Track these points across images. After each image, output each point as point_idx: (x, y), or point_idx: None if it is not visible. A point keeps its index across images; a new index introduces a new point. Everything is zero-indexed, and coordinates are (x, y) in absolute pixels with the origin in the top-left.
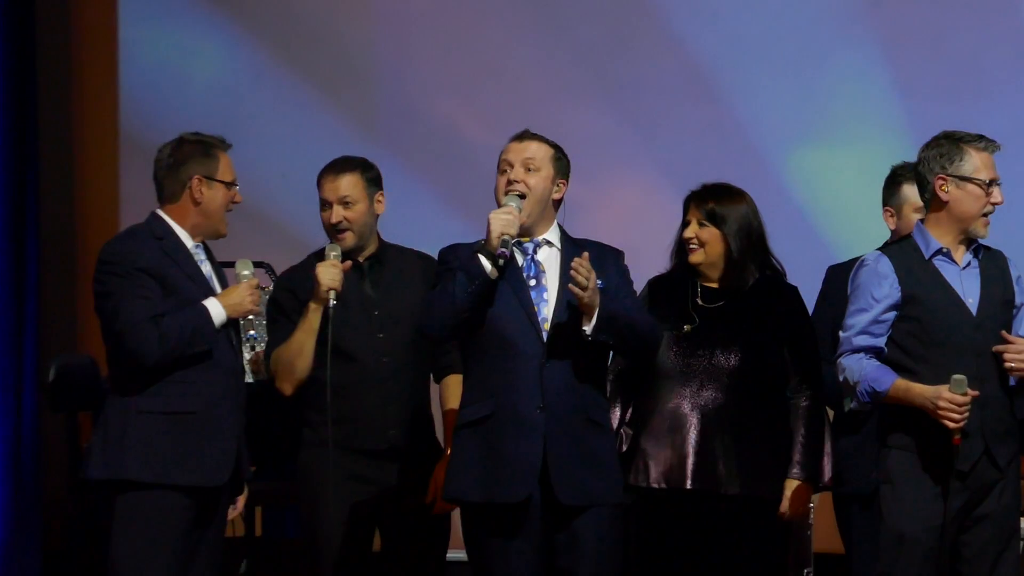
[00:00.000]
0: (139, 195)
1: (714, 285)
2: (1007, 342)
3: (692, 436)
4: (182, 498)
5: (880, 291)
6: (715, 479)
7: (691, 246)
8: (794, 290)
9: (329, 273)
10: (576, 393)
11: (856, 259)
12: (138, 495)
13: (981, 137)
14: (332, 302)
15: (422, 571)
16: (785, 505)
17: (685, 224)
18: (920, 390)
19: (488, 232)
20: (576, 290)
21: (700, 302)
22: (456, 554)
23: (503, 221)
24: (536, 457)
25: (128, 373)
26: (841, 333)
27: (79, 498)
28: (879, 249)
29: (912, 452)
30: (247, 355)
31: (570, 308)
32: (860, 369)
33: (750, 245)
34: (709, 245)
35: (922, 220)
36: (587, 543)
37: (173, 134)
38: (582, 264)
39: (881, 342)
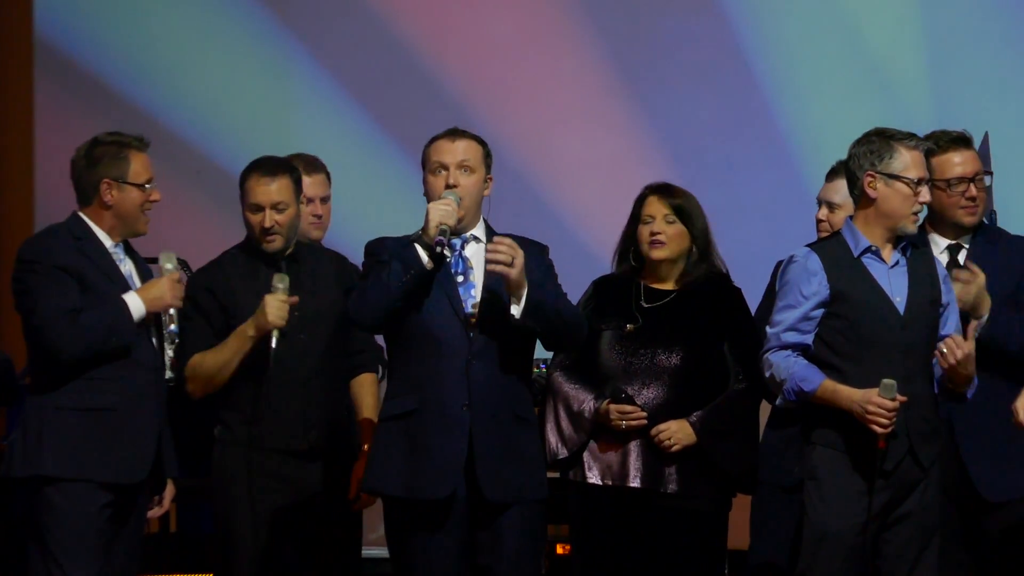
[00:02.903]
0: (56, 202)
1: (659, 285)
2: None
3: (635, 434)
4: (100, 494)
5: (809, 288)
6: (657, 477)
7: (658, 241)
8: (737, 291)
9: (278, 311)
10: (502, 390)
11: None
12: (56, 491)
13: (912, 135)
14: (275, 341)
15: (337, 569)
16: (665, 430)
17: (643, 220)
18: (848, 393)
19: (426, 222)
20: (500, 268)
21: (643, 303)
22: (370, 551)
23: (442, 212)
24: (461, 454)
25: (47, 370)
26: (768, 328)
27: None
28: (808, 246)
29: (836, 449)
30: (169, 351)
31: (497, 304)
32: (788, 367)
33: (708, 244)
34: (674, 242)
35: (851, 217)
36: (509, 541)
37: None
38: (501, 242)
39: (809, 339)
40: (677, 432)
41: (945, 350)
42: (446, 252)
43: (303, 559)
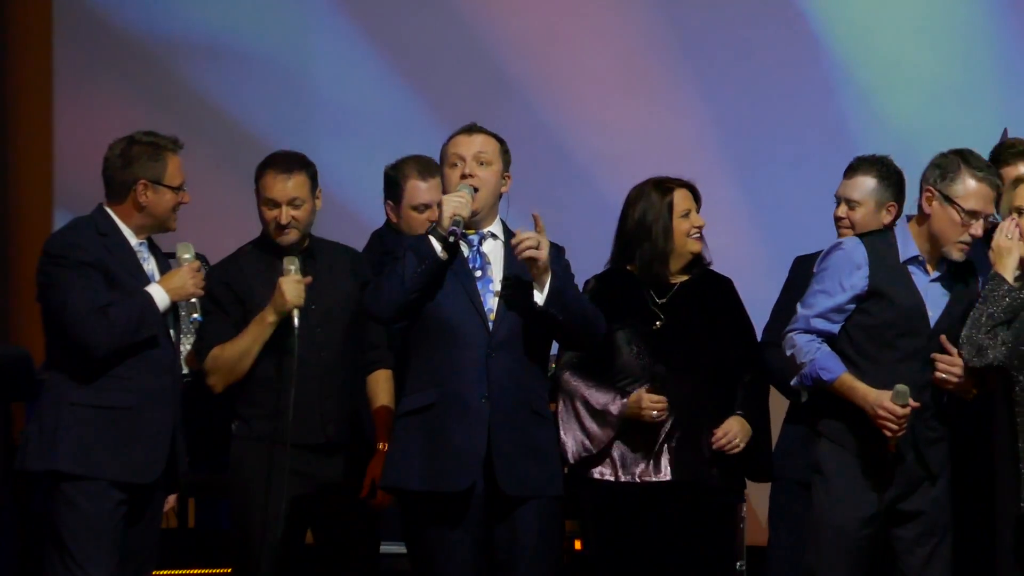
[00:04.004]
0: (75, 194)
1: (672, 280)
2: (947, 350)
3: (667, 429)
4: (114, 491)
5: (849, 280)
6: (691, 470)
7: (700, 235)
8: (729, 281)
9: (295, 290)
10: (520, 384)
11: (820, 252)
12: (70, 487)
13: (989, 166)
14: (296, 321)
15: (355, 564)
16: (729, 431)
17: (680, 214)
18: (863, 392)
19: (440, 213)
20: (530, 252)
21: (656, 298)
22: (388, 547)
23: (456, 203)
24: (481, 446)
25: (66, 365)
26: (799, 306)
27: (14, 488)
28: (859, 236)
29: (842, 444)
30: (186, 344)
31: (517, 297)
32: (811, 352)
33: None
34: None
35: (909, 218)
36: (526, 536)
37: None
38: (521, 233)
39: (836, 329)
40: (739, 432)
41: (943, 376)
42: (461, 243)
43: (320, 554)
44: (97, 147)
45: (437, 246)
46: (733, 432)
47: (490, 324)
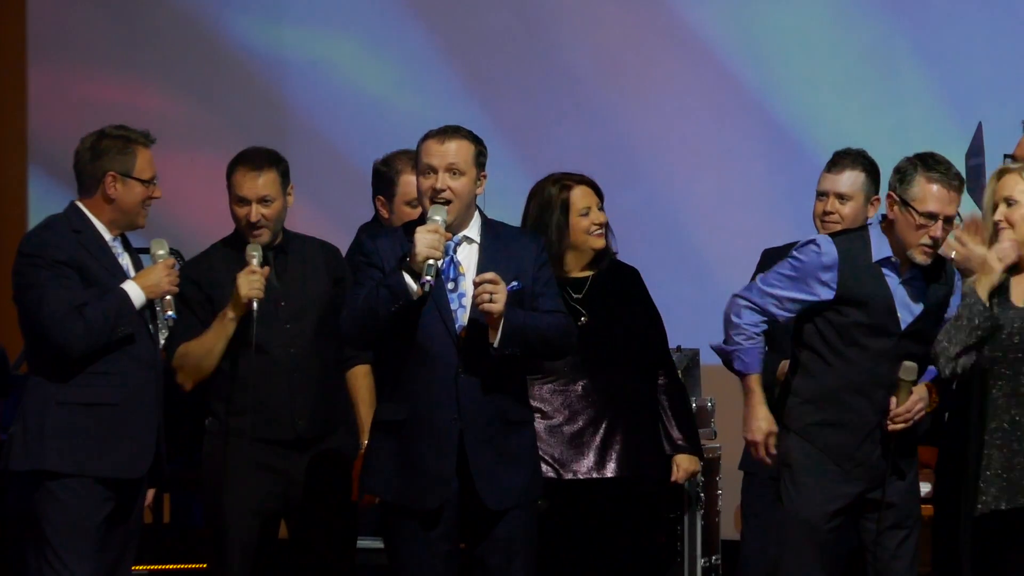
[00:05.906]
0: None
1: (573, 274)
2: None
3: (604, 425)
4: (101, 489)
5: (815, 280)
6: (638, 465)
7: (601, 232)
8: (636, 273)
9: (249, 283)
10: (493, 399)
11: (789, 244)
12: (57, 485)
13: (947, 170)
14: (255, 311)
15: (332, 560)
16: (681, 477)
17: (580, 212)
18: (756, 405)
19: (413, 251)
20: (486, 307)
21: (572, 293)
22: (365, 542)
23: (429, 242)
24: (450, 468)
25: (48, 364)
26: (759, 278)
27: None
28: (832, 237)
29: (810, 437)
30: (163, 341)
31: (481, 325)
32: (742, 338)
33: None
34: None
35: (884, 216)
36: (506, 539)
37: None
38: (485, 285)
39: (784, 316)
40: (692, 468)
41: (899, 426)
42: (442, 262)
43: (294, 549)
44: (71, 108)
45: (411, 284)
46: (686, 472)
47: (460, 342)
